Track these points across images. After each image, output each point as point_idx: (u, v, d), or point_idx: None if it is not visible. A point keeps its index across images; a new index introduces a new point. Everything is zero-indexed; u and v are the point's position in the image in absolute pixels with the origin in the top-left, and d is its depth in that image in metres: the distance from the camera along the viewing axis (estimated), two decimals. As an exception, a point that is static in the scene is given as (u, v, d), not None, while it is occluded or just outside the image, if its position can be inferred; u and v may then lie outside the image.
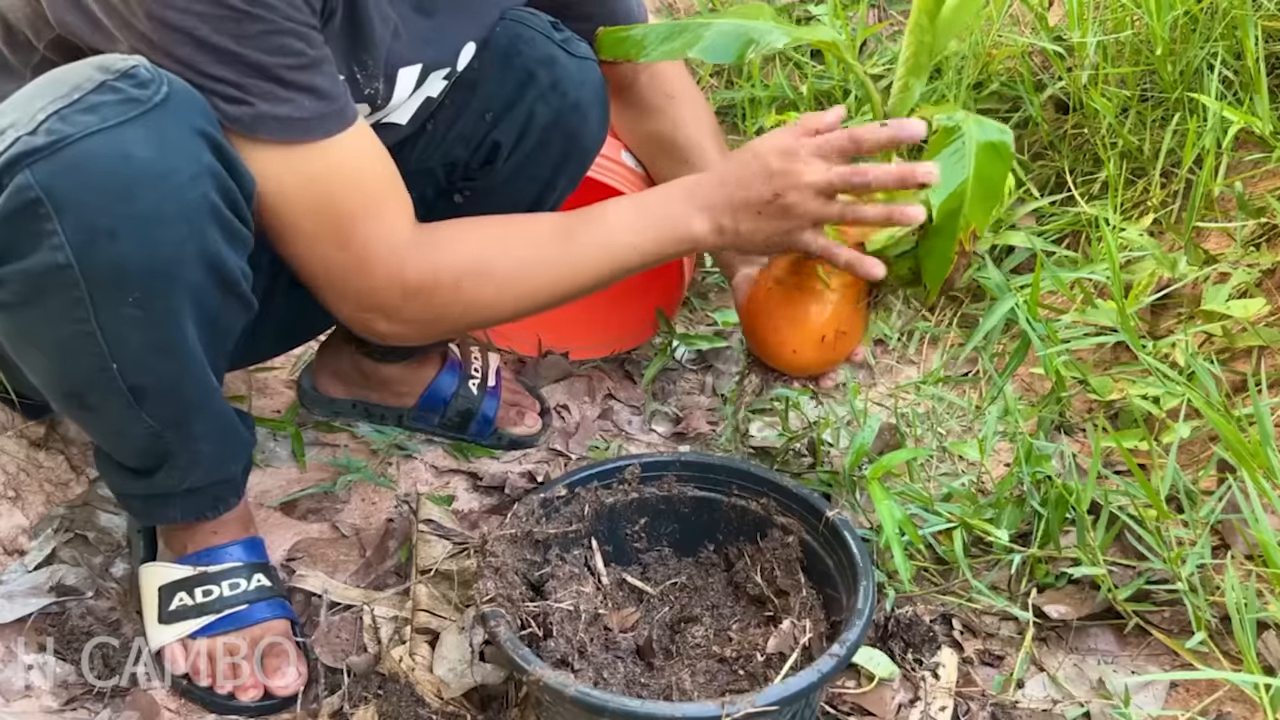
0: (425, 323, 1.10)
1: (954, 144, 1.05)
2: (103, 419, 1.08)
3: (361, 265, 1.04)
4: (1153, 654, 1.20)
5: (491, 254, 1.09)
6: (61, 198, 0.89)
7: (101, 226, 0.90)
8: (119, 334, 0.97)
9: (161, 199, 0.91)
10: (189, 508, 1.18)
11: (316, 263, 1.04)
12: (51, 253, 0.91)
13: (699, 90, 1.47)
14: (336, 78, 1.01)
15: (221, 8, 0.90)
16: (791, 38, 1.11)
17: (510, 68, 1.25)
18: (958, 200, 1.04)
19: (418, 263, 1.05)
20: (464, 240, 1.09)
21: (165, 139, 0.90)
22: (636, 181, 1.50)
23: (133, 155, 0.89)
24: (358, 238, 1.03)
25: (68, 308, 0.94)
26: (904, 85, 1.09)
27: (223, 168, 0.94)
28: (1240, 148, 1.62)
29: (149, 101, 0.90)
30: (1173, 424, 1.33)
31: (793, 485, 1.21)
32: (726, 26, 1.12)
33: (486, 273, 1.08)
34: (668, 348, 1.68)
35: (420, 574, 1.30)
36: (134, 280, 0.93)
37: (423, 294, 1.06)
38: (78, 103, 0.89)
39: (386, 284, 1.05)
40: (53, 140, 0.88)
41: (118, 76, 0.90)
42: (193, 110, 0.92)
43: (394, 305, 1.07)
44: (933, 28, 1.06)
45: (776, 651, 1.09)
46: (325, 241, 1.03)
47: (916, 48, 1.07)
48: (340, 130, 1.00)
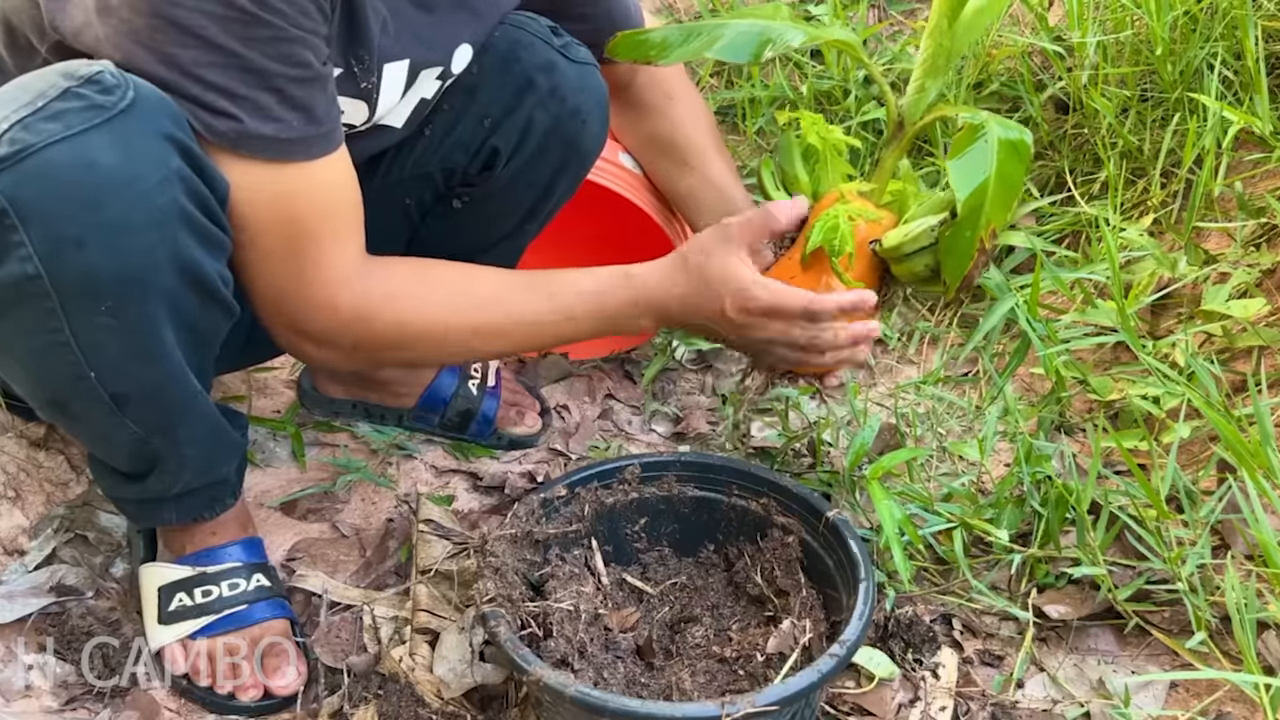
0: (354, 356, 1.10)
1: (977, 141, 1.06)
2: (87, 426, 1.07)
3: (304, 292, 1.04)
4: (1153, 654, 1.20)
5: (427, 308, 1.10)
6: (26, 208, 0.87)
7: (69, 236, 0.89)
8: (94, 342, 0.96)
9: (129, 206, 0.90)
10: (184, 510, 1.18)
11: (261, 280, 1.04)
12: (20, 264, 0.89)
13: (697, 90, 1.47)
14: (334, 99, 1.01)
15: (232, 9, 0.90)
16: (809, 36, 1.12)
17: (509, 73, 1.25)
18: (980, 197, 1.05)
19: (355, 298, 1.05)
20: (404, 284, 1.10)
21: (130, 145, 0.89)
22: (635, 184, 1.49)
23: (97, 162, 0.88)
24: (310, 263, 1.02)
25: (40, 318, 0.93)
26: (920, 86, 1.10)
27: (192, 172, 0.93)
28: (1240, 148, 1.62)
29: (114, 107, 0.89)
30: (1173, 424, 1.33)
31: (793, 485, 1.21)
32: (744, 26, 1.13)
33: (417, 323, 1.09)
34: (668, 348, 1.68)
35: (420, 574, 1.30)
36: (105, 289, 0.92)
37: (352, 328, 1.07)
38: (41, 110, 0.88)
39: (321, 313, 1.05)
40: (16, 150, 0.87)
41: (82, 82, 0.89)
42: (160, 114, 0.91)
43: (325, 334, 1.07)
44: (951, 31, 1.07)
45: (776, 651, 1.10)
46: (277, 261, 1.02)
47: (935, 50, 1.07)
48: (323, 155, 1.00)
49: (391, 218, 1.32)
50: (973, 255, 1.09)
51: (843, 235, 1.13)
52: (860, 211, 1.16)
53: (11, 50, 1.03)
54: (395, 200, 1.31)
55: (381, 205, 1.26)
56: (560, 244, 1.58)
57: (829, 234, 1.14)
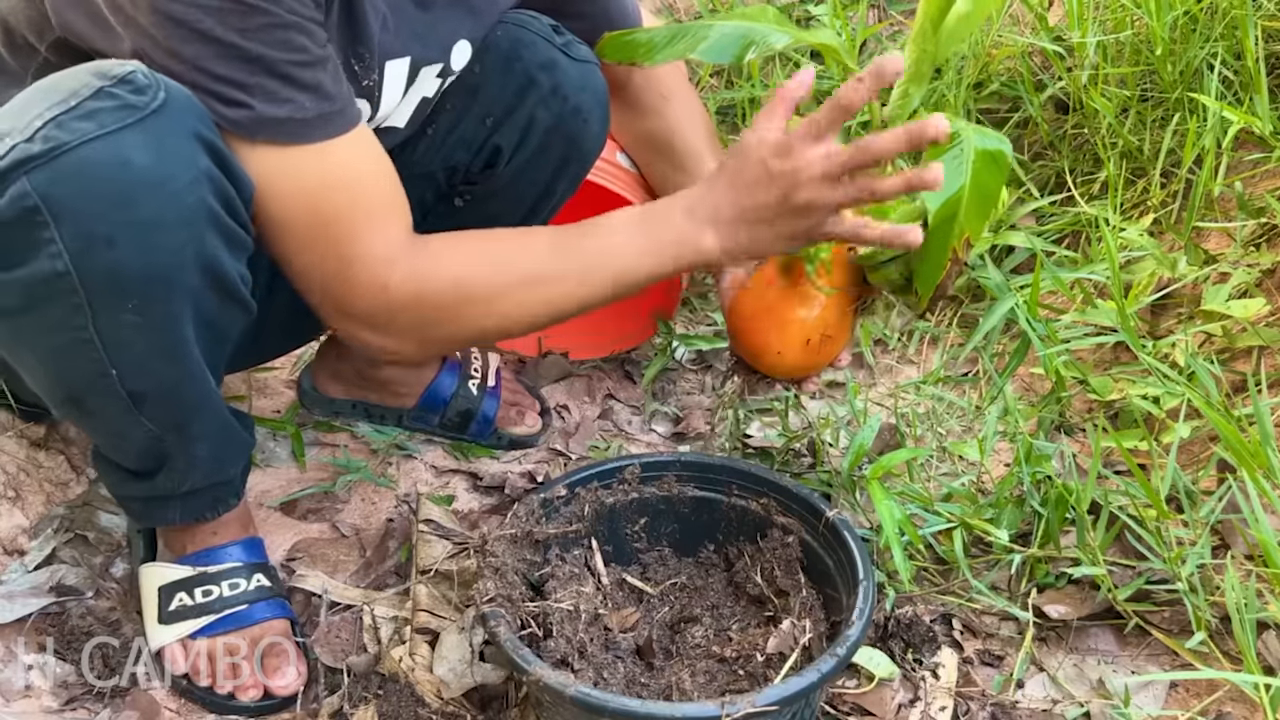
0: (416, 338, 1.08)
1: (952, 150, 1.04)
2: (102, 423, 1.08)
3: (347, 273, 1.02)
4: (1153, 654, 1.20)
5: (483, 268, 1.07)
6: (59, 205, 0.88)
7: (99, 234, 0.90)
8: (118, 340, 0.97)
9: (160, 205, 0.91)
10: (188, 509, 1.18)
11: (304, 268, 1.03)
12: (50, 260, 0.90)
13: (694, 90, 1.48)
14: (341, 78, 1.01)
15: (226, 1, 0.90)
16: (793, 38, 1.11)
17: (511, 72, 1.25)
18: (953, 207, 1.03)
19: (406, 274, 1.03)
20: (456, 253, 1.07)
21: (163, 145, 0.90)
22: (631, 183, 1.50)
23: (130, 161, 0.89)
24: (346, 244, 1.01)
25: (66, 315, 0.94)
26: (903, 92, 1.09)
27: (221, 172, 0.94)
28: (1240, 148, 1.62)
29: (146, 107, 0.89)
30: (1173, 424, 1.33)
31: (793, 485, 1.21)
32: (728, 28, 1.13)
33: (477, 286, 1.06)
34: (668, 348, 1.68)
35: (420, 574, 1.30)
36: (132, 287, 0.93)
37: (410, 307, 1.04)
38: (75, 109, 0.89)
39: (370, 294, 1.03)
40: (50, 148, 0.87)
41: (115, 82, 0.90)
42: (190, 115, 0.92)
43: (379, 317, 1.05)
44: (936, 36, 1.06)
45: (776, 651, 1.09)
46: (315, 247, 1.01)
47: (919, 55, 1.07)
48: (341, 133, 0.99)
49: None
50: (945, 266, 1.07)
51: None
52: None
53: (10, 49, 1.03)
54: (397, 199, 1.31)
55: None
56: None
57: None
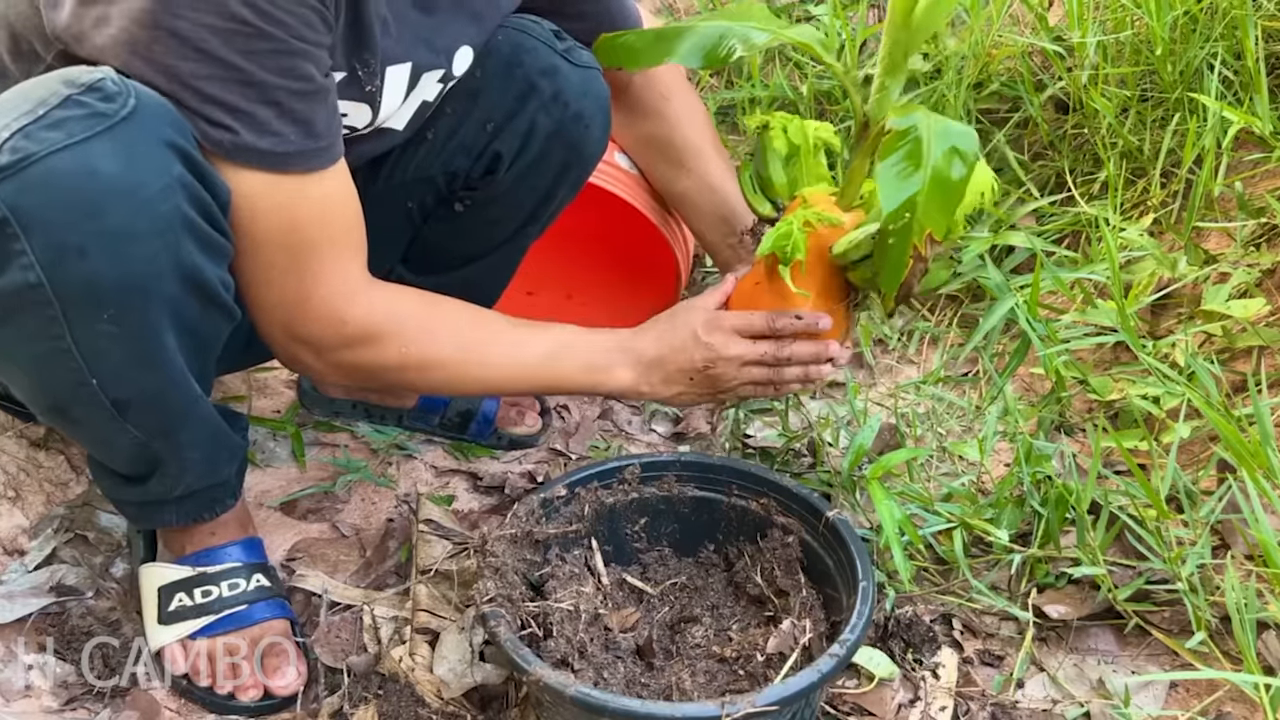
0: (350, 371, 1.11)
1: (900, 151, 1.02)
2: (88, 430, 1.07)
3: (307, 302, 1.04)
4: (1153, 654, 1.20)
5: (436, 327, 1.12)
6: (28, 216, 0.87)
7: (71, 244, 0.89)
8: (96, 349, 0.95)
9: (131, 214, 0.90)
10: (184, 512, 1.18)
11: (263, 286, 1.04)
12: (22, 272, 0.89)
13: (695, 91, 1.47)
14: (335, 112, 1.01)
15: (234, 21, 0.89)
16: (772, 35, 1.11)
17: (512, 78, 1.25)
18: (906, 210, 1.02)
19: (364, 312, 1.07)
20: (413, 307, 1.12)
21: (133, 152, 0.89)
22: (631, 184, 1.49)
23: (99, 170, 0.88)
24: (311, 274, 1.03)
25: (42, 326, 0.93)
26: (881, 86, 1.09)
27: (194, 179, 0.93)
28: (1240, 148, 1.62)
29: (116, 115, 0.88)
30: (1173, 424, 1.33)
31: (793, 485, 1.21)
32: (708, 28, 1.13)
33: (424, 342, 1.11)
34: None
35: (420, 574, 1.30)
36: (108, 297, 0.92)
37: (356, 344, 1.08)
38: (42, 118, 0.87)
39: (325, 324, 1.05)
40: (17, 159, 0.86)
41: (83, 90, 0.89)
42: (162, 122, 0.91)
43: (327, 344, 1.07)
44: (906, 26, 1.06)
45: (776, 651, 1.09)
46: (280, 270, 1.02)
47: (891, 47, 1.06)
48: (321, 168, 1.00)
49: (393, 220, 1.32)
50: (906, 266, 1.07)
51: (794, 243, 1.13)
52: (821, 216, 1.15)
53: (15, 57, 1.02)
54: (397, 203, 1.31)
55: (383, 208, 1.26)
56: (557, 245, 1.58)
57: (780, 241, 1.14)
